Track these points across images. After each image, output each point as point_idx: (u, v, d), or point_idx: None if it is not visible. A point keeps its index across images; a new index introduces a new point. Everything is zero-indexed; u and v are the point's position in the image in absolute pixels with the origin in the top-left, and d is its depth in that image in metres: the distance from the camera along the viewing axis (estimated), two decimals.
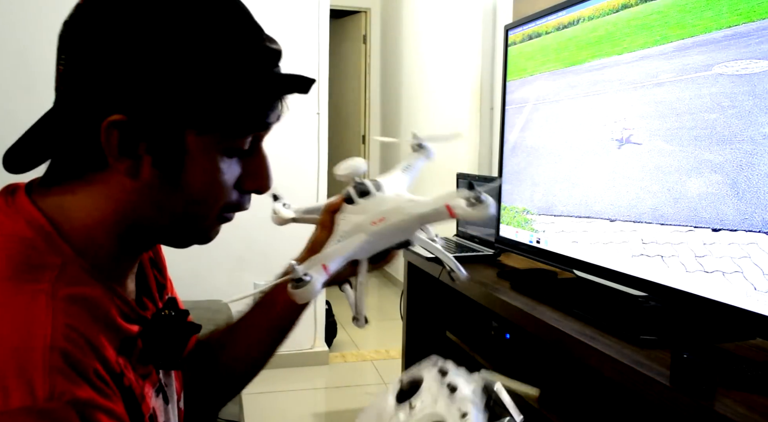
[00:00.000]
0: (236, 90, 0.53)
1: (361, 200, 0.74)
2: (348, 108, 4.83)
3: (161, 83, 0.50)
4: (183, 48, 0.50)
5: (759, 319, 0.85)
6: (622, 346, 0.98)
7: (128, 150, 0.52)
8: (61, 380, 0.44)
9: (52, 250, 0.51)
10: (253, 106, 0.55)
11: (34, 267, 0.49)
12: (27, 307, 0.47)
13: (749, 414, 0.75)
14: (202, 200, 0.56)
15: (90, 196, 0.54)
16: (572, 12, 1.29)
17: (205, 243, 0.61)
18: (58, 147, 0.55)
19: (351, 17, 4.79)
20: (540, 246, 1.39)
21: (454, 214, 0.66)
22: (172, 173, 0.54)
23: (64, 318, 0.47)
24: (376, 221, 0.70)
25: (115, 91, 0.50)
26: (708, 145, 0.93)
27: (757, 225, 0.85)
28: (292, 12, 2.64)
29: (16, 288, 0.47)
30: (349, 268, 0.76)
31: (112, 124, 0.50)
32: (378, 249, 0.74)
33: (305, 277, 0.62)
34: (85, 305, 0.50)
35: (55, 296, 0.48)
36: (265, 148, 0.61)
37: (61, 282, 0.49)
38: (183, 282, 0.77)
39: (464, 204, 0.64)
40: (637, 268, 1.08)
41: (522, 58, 1.49)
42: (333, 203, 0.75)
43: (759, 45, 0.85)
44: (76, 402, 0.45)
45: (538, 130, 1.41)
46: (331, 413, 2.45)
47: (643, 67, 1.08)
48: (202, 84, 0.51)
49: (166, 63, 0.50)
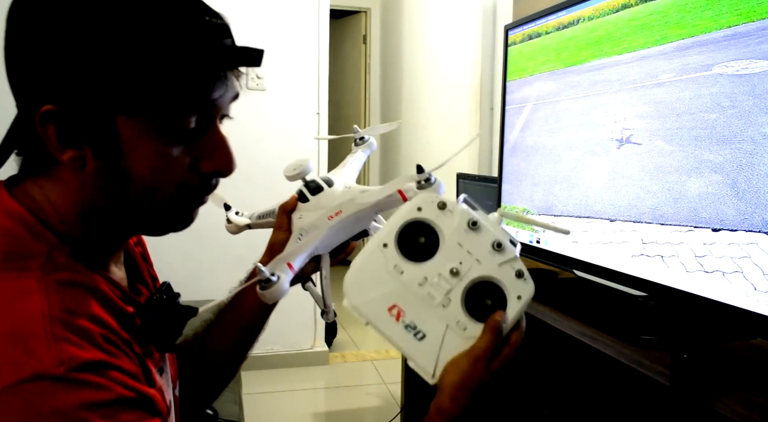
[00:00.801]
0: (157, 69, 0.49)
1: (313, 197, 0.75)
2: (348, 108, 4.83)
3: (83, 67, 0.48)
4: (101, 28, 0.48)
5: (759, 319, 0.84)
6: (622, 346, 0.98)
7: (68, 140, 0.51)
8: (66, 347, 0.45)
9: (35, 238, 0.51)
10: (180, 84, 0.50)
11: (19, 255, 0.49)
12: (19, 289, 0.47)
13: (749, 414, 0.75)
14: (151, 186, 0.53)
15: (53, 188, 0.54)
16: (572, 12, 1.29)
17: (180, 229, 0.59)
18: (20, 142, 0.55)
19: (351, 17, 4.79)
20: (540, 246, 1.39)
21: (406, 198, 0.68)
22: (111, 161, 0.52)
23: (58, 295, 0.48)
24: (333, 215, 0.72)
25: (42, 80, 0.49)
26: (708, 145, 0.93)
27: (757, 225, 0.85)
28: (292, 12, 2.64)
29: (7, 275, 0.48)
30: (311, 265, 0.77)
31: (44, 116, 0.50)
32: (338, 242, 0.76)
33: (272, 277, 0.63)
34: (78, 286, 0.51)
35: (46, 278, 0.48)
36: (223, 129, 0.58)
37: (49, 267, 0.49)
38: (183, 282, 0.78)
39: (415, 186, 0.67)
40: (637, 268, 1.08)
41: (522, 58, 1.49)
42: (287, 203, 0.77)
43: (759, 45, 0.85)
44: (87, 364, 0.45)
45: (538, 130, 1.41)
46: (331, 413, 2.45)
47: (643, 67, 1.08)
48: (124, 65, 0.49)
49: (86, 45, 0.48)
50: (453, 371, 0.60)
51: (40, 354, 0.43)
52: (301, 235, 0.74)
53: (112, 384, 0.46)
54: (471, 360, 0.60)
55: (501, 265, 0.61)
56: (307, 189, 0.76)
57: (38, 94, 0.50)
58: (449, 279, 0.61)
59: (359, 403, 2.50)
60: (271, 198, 0.82)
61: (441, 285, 0.61)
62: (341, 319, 3.15)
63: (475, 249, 0.61)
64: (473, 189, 2.15)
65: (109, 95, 0.49)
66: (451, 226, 0.62)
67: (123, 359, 0.49)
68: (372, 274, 0.62)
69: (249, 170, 2.55)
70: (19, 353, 0.43)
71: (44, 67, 0.49)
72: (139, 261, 0.69)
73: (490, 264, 0.61)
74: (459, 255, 0.61)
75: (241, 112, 0.60)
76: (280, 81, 2.66)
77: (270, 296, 0.64)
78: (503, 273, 0.61)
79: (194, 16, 0.51)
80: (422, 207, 0.62)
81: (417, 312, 0.61)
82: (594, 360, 0.99)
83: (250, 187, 2.27)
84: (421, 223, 0.62)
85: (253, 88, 2.63)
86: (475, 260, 0.61)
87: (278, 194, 0.82)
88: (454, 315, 0.61)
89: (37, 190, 0.54)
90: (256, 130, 2.64)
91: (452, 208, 0.62)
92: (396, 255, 0.62)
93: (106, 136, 0.51)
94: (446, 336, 0.61)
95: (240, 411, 1.56)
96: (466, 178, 2.24)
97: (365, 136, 0.88)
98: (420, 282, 0.61)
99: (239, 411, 1.55)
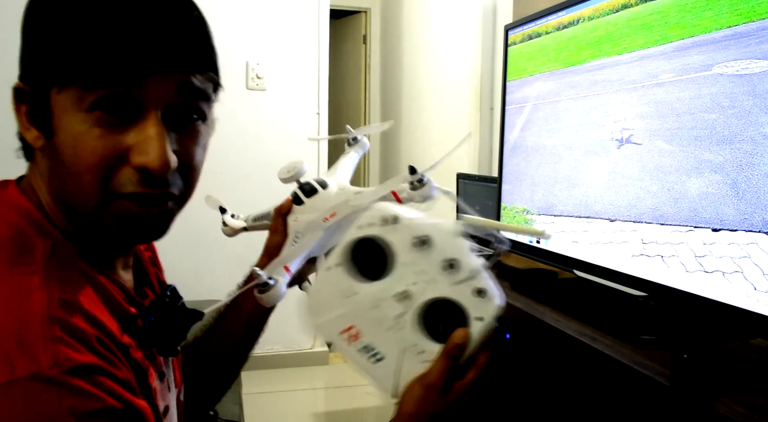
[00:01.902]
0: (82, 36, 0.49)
1: (308, 199, 0.75)
2: (348, 108, 4.83)
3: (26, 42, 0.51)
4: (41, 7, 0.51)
5: (759, 319, 0.84)
6: (622, 346, 0.98)
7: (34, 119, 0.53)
8: (62, 348, 0.44)
9: (40, 233, 0.51)
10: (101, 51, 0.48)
11: (24, 250, 0.49)
12: (20, 286, 0.47)
13: (749, 414, 0.75)
14: (74, 170, 0.50)
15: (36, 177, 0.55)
16: (572, 12, 1.29)
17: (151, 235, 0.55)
18: None
19: (351, 17, 4.79)
20: (540, 246, 1.39)
21: (400, 199, 0.67)
22: (46, 137, 0.52)
23: (59, 293, 0.47)
24: (328, 217, 0.71)
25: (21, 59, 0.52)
26: (708, 145, 0.93)
27: (757, 225, 0.85)
28: (292, 12, 2.64)
29: (9, 272, 0.48)
30: (307, 266, 0.77)
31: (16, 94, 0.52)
32: (333, 243, 0.76)
33: (270, 281, 0.63)
34: (81, 282, 0.50)
35: (48, 275, 0.48)
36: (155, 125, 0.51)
37: (52, 263, 0.49)
38: (183, 282, 0.78)
39: (408, 187, 0.66)
40: (637, 268, 1.08)
41: (522, 58, 1.49)
42: (282, 206, 0.77)
43: (759, 45, 0.85)
44: (80, 368, 0.44)
45: (538, 130, 1.41)
46: (331, 413, 2.45)
47: (643, 67, 1.08)
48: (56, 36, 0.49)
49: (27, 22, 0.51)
50: (407, 398, 0.58)
51: (36, 354, 0.43)
52: (297, 238, 0.74)
53: (102, 393, 0.45)
54: (423, 386, 0.57)
55: (456, 284, 0.56)
56: (301, 191, 0.76)
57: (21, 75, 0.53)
58: (400, 302, 0.57)
59: (359, 403, 2.50)
60: (271, 197, 0.82)
61: (393, 309, 0.58)
62: None
63: (427, 267, 0.57)
64: (473, 189, 2.15)
65: (44, 67, 0.50)
66: (401, 243, 0.57)
67: (117, 365, 0.48)
68: (327, 295, 0.60)
69: (249, 170, 2.55)
70: (15, 352, 0.43)
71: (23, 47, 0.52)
72: (147, 265, 0.69)
73: (443, 284, 0.57)
74: (411, 275, 0.57)
75: (241, 112, 0.60)
76: (280, 81, 2.66)
77: (268, 300, 0.64)
78: (460, 293, 0.57)
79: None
80: (371, 222, 0.58)
81: (373, 334, 0.58)
82: (594, 360, 0.99)
83: (250, 187, 2.28)
84: (370, 241, 0.58)
85: (253, 88, 2.63)
86: (429, 279, 0.57)
87: (278, 194, 0.82)
88: (410, 338, 0.58)
89: (35, 181, 0.55)
90: (256, 130, 2.64)
91: (406, 222, 0.57)
92: (347, 277, 0.59)
93: (42, 109, 0.51)
94: (404, 359, 0.58)
95: (240, 411, 1.56)
96: (466, 178, 2.24)
97: (358, 136, 0.88)
98: (373, 304, 0.58)
99: (239, 411, 1.55)
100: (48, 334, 0.44)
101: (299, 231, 0.74)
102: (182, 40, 0.51)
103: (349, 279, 0.59)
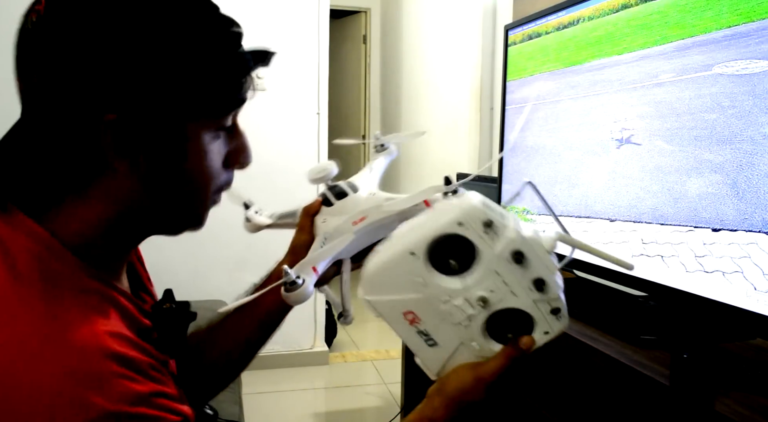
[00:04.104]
0: (217, 73, 0.55)
1: (338, 202, 0.75)
2: (348, 108, 4.83)
3: (149, 77, 0.51)
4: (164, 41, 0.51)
5: (759, 319, 0.84)
6: (622, 346, 0.98)
7: (124, 148, 0.52)
8: (123, 383, 0.47)
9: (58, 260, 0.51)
10: (230, 85, 0.56)
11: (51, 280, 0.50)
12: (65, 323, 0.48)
13: (749, 414, 0.75)
14: (200, 185, 0.58)
15: (92, 204, 0.54)
16: (572, 12, 1.29)
17: (199, 228, 0.62)
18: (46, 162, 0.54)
19: (351, 17, 4.79)
20: None
21: None
22: (173, 163, 0.55)
23: (101, 326, 0.49)
24: (357, 221, 0.72)
25: (105, 90, 0.50)
26: (708, 145, 0.93)
27: (757, 225, 0.85)
28: (292, 12, 2.64)
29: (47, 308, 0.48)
30: (332, 269, 0.77)
31: (106, 124, 0.50)
32: (360, 247, 0.76)
33: (298, 281, 0.63)
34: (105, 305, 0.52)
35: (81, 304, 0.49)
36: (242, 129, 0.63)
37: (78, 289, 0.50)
38: (183, 282, 0.78)
39: (441, 198, 0.66)
40: (637, 268, 1.08)
41: (522, 58, 1.49)
42: (311, 206, 0.78)
43: (759, 45, 0.85)
44: (142, 397, 0.47)
45: (538, 130, 1.41)
46: (331, 413, 2.45)
47: (643, 67, 1.08)
48: (187, 73, 0.52)
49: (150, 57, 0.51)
50: (454, 381, 0.60)
51: (103, 393, 0.45)
52: (326, 240, 0.73)
53: (164, 413, 0.49)
54: (475, 377, 0.59)
55: (538, 301, 0.57)
56: (331, 192, 0.76)
57: (99, 104, 0.50)
58: (475, 306, 0.57)
59: (359, 403, 2.50)
60: (271, 197, 0.82)
61: (464, 309, 0.58)
62: None
63: (512, 281, 0.57)
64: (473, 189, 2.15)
65: (179, 101, 0.53)
66: (492, 251, 0.56)
67: (166, 383, 0.52)
68: (394, 277, 0.59)
69: (249, 170, 2.54)
70: (83, 393, 0.45)
71: (109, 79, 0.50)
72: (139, 268, 0.69)
73: (525, 299, 0.57)
74: (492, 282, 0.57)
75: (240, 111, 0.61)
76: (280, 81, 2.66)
77: (295, 299, 0.63)
78: (538, 309, 0.58)
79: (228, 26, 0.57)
80: (464, 222, 0.56)
81: (433, 323, 0.59)
82: (594, 360, 0.99)
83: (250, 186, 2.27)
84: (459, 238, 0.57)
85: None
86: (510, 292, 0.57)
87: (278, 193, 0.82)
88: (471, 335, 0.59)
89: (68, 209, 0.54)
90: (256, 130, 2.64)
91: (499, 230, 0.56)
92: (422, 267, 0.58)
93: (175, 139, 0.54)
94: (458, 349, 0.60)
95: (240, 411, 1.56)
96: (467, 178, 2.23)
97: (386, 143, 0.88)
98: (444, 300, 0.58)
99: (239, 411, 1.55)
100: (109, 371, 0.46)
101: (327, 233, 0.74)
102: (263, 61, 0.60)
103: (424, 268, 0.58)
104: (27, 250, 0.50)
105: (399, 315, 0.60)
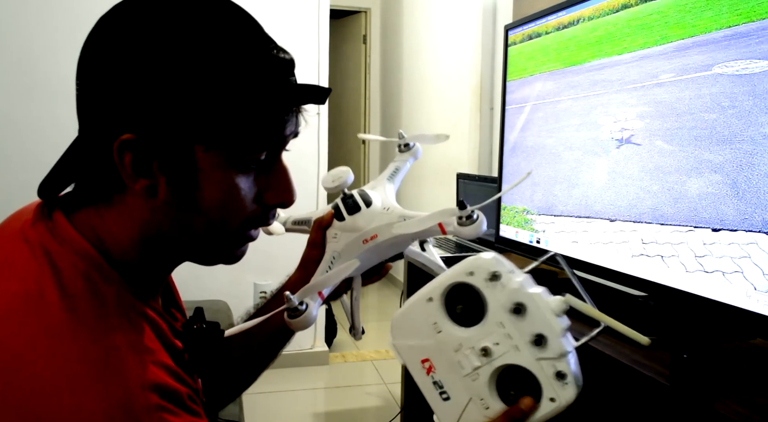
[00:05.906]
0: (241, 104, 0.51)
1: (350, 217, 0.73)
2: (348, 108, 4.83)
3: (166, 99, 0.49)
4: (186, 63, 0.49)
5: (759, 319, 0.84)
6: (622, 346, 0.98)
7: (142, 169, 0.51)
8: (164, 416, 0.46)
9: (105, 280, 0.51)
10: (261, 119, 0.53)
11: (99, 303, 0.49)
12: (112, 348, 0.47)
13: (749, 414, 0.75)
14: (220, 217, 0.54)
15: (115, 219, 0.54)
16: (572, 12, 1.29)
17: (231, 262, 0.59)
18: (81, 171, 0.55)
19: (351, 17, 4.79)
20: (540, 246, 1.39)
21: (445, 232, 0.67)
22: (186, 191, 0.52)
23: (145, 354, 0.49)
24: (368, 239, 0.71)
25: (124, 110, 0.50)
26: (708, 145, 0.93)
27: (757, 225, 0.85)
28: (292, 12, 2.64)
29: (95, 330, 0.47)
30: (343, 284, 0.76)
31: (123, 144, 0.50)
32: (371, 265, 0.75)
33: (300, 307, 0.62)
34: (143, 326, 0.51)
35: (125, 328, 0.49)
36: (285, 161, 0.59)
37: (122, 311, 0.50)
38: (183, 283, 0.77)
39: (456, 222, 0.65)
40: (637, 268, 1.08)
41: (522, 58, 1.49)
42: (323, 219, 0.76)
43: (759, 45, 0.85)
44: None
45: (538, 130, 1.41)
46: (331, 413, 2.45)
47: (643, 67, 1.08)
48: (206, 99, 0.50)
49: (170, 79, 0.49)
50: None
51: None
52: (334, 258, 0.72)
53: None
54: None
55: (539, 360, 0.57)
56: (344, 205, 0.74)
57: (119, 123, 0.50)
58: (480, 357, 0.58)
59: (359, 403, 2.50)
60: None
61: (471, 360, 0.58)
62: (341, 319, 3.15)
63: (516, 334, 0.57)
64: (473, 189, 2.15)
65: (191, 127, 0.50)
66: (497, 302, 0.57)
67: (200, 414, 0.51)
68: (414, 323, 0.60)
69: None
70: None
71: (129, 99, 0.49)
72: (171, 281, 0.69)
73: (527, 355, 0.57)
74: (497, 335, 0.57)
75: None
76: None
77: (297, 325, 0.63)
78: (540, 369, 0.57)
79: (266, 53, 0.53)
80: (474, 272, 0.58)
81: (446, 374, 0.59)
82: (594, 360, 0.99)
83: None
84: (470, 288, 0.58)
85: None
86: (513, 346, 0.57)
87: None
88: (480, 391, 0.58)
89: (97, 220, 0.53)
90: None
91: (505, 281, 0.57)
92: (438, 313, 0.59)
93: (185, 166, 0.51)
94: (468, 406, 0.59)
95: (240, 411, 1.56)
96: (466, 178, 2.24)
97: (410, 142, 0.85)
98: (455, 348, 0.58)
99: (239, 411, 1.55)
100: (150, 404, 0.46)
101: (337, 251, 0.73)
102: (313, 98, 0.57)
103: (439, 316, 0.59)
104: (74, 266, 0.50)
105: (418, 362, 0.60)
